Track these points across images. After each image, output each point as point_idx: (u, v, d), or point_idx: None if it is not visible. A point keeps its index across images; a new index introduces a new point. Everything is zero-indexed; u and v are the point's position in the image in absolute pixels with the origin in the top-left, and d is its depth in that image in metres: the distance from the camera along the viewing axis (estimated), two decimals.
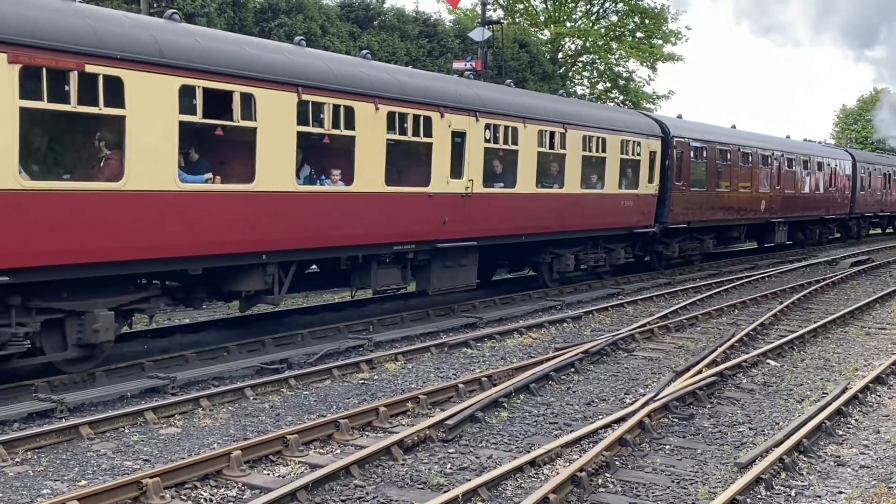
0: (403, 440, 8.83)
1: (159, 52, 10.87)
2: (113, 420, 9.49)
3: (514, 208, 17.72)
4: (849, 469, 8.83)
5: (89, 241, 10.33)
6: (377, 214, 14.36)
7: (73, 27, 10.09)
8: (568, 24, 45.85)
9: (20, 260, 9.69)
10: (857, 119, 71.45)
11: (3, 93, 9.28)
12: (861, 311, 18.67)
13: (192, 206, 11.47)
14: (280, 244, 12.75)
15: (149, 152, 10.79)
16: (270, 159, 12.35)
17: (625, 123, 21.93)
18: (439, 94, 15.63)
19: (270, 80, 12.23)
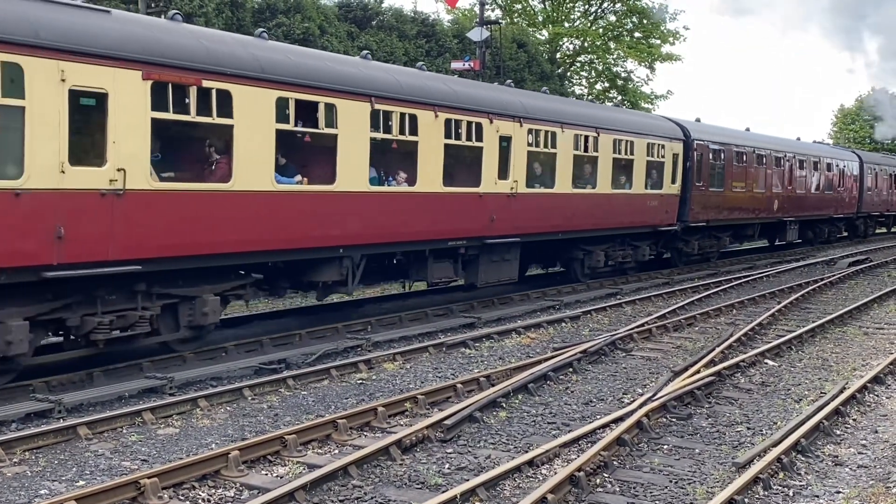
0: (402, 440, 8.83)
1: (260, 68, 12.35)
2: (111, 420, 9.49)
3: (552, 207, 19.05)
4: (847, 469, 8.83)
5: (203, 235, 11.75)
6: (435, 212, 15.77)
7: (192, 48, 11.61)
8: (566, 24, 45.87)
9: (149, 251, 11.09)
10: (854, 119, 71.45)
11: (139, 105, 10.74)
12: (859, 311, 18.68)
13: (285, 204, 12.92)
14: (354, 239, 14.17)
15: (251, 157, 12.23)
16: (348, 162, 13.77)
17: (650, 127, 23.16)
18: (488, 102, 17.12)
19: (349, 91, 13.66)
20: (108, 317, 11.00)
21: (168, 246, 11.31)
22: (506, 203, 17.36)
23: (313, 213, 13.35)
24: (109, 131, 10.54)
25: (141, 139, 10.79)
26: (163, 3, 21.51)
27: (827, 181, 35.50)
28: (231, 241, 12.12)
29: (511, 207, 17.51)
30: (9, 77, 9.53)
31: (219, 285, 12.49)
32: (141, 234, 10.94)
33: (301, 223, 13.14)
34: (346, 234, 13.93)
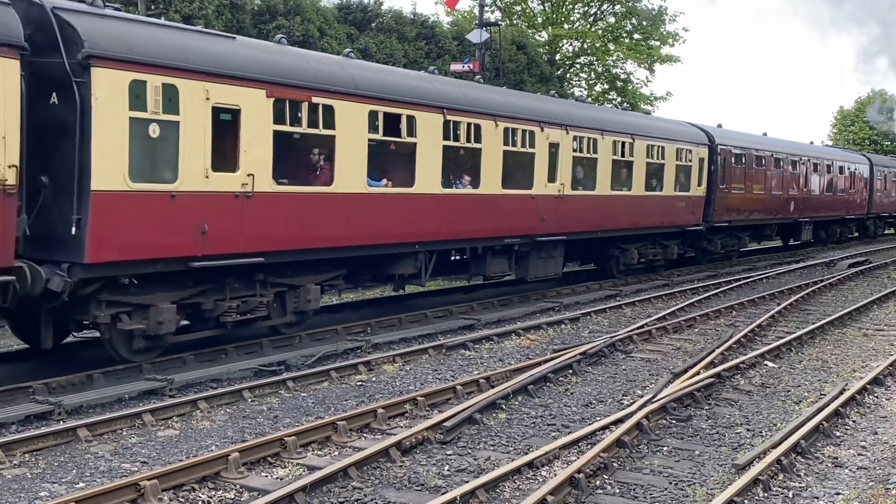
0: (401, 442, 8.83)
1: (355, 85, 14.04)
2: (111, 422, 9.49)
3: (593, 208, 20.68)
4: (846, 470, 8.83)
5: (310, 231, 13.46)
6: (495, 212, 17.44)
7: (303, 68, 13.43)
8: (566, 25, 45.87)
9: (269, 245, 12.74)
10: (854, 120, 71.51)
11: (263, 119, 12.45)
12: (859, 313, 18.68)
13: (374, 205, 14.61)
14: (428, 237, 15.82)
15: (349, 163, 13.90)
16: (424, 167, 15.47)
17: (679, 133, 24.82)
18: (539, 112, 18.85)
19: (426, 104, 15.37)
20: (234, 302, 12.73)
21: (283, 241, 13.01)
22: (554, 204, 19.04)
23: (396, 212, 15.05)
24: (242, 142, 12.21)
25: (265, 148, 12.53)
26: (162, 5, 21.53)
27: (839, 183, 36.99)
28: (331, 236, 13.85)
29: (558, 208, 19.17)
30: (167, 97, 11.13)
31: (319, 276, 14.16)
32: (263, 230, 12.62)
33: (386, 222, 14.88)
34: (421, 231, 15.63)
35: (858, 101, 73.23)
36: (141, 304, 11.47)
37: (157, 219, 11.26)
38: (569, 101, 21.73)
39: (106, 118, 10.56)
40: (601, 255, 22.89)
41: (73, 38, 10.42)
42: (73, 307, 11.08)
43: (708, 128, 26.97)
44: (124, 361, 11.55)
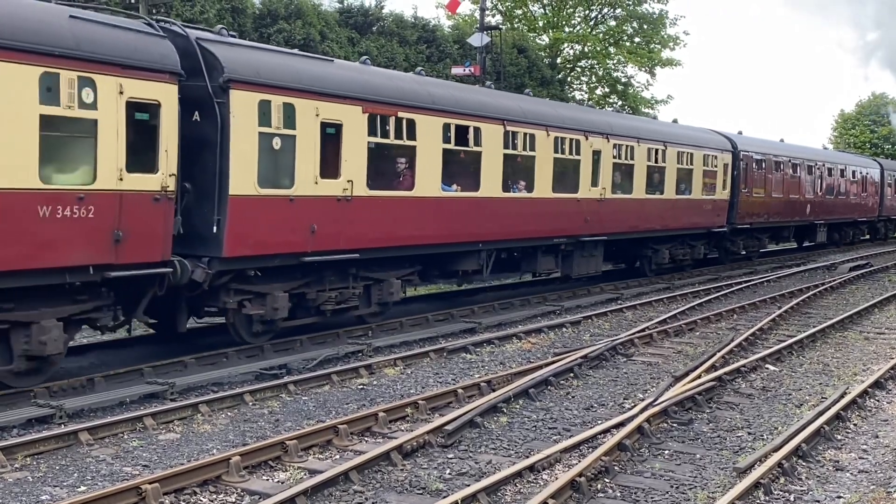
0: (402, 445, 8.84)
1: (432, 101, 15.82)
2: (112, 426, 9.50)
3: (630, 210, 22.33)
4: (848, 474, 8.83)
5: (395, 231, 15.11)
6: (546, 214, 19.08)
7: (390, 87, 15.22)
8: (566, 29, 45.86)
9: (363, 243, 14.48)
10: (855, 124, 71.54)
11: (360, 132, 14.19)
12: (860, 316, 18.68)
13: (446, 207, 16.28)
14: (489, 236, 17.49)
15: (427, 170, 15.63)
16: (488, 173, 17.17)
17: (706, 141, 26.46)
18: (584, 122, 20.64)
19: (489, 117, 17.18)
20: (333, 293, 14.38)
21: (374, 239, 14.68)
22: (596, 207, 20.71)
23: (463, 214, 16.75)
24: (343, 152, 13.92)
25: (361, 158, 14.26)
26: (164, 9, 21.55)
27: (852, 187, 38.64)
28: (410, 236, 15.55)
29: (600, 211, 20.84)
30: (287, 114, 12.90)
31: (399, 271, 15.75)
32: (359, 229, 14.33)
33: (455, 223, 16.54)
34: (484, 231, 17.32)
35: (859, 104, 73.26)
36: (260, 292, 13.18)
37: (278, 219, 13.05)
38: (609, 112, 23.91)
39: (241, 133, 12.27)
40: (635, 254, 24.44)
41: (214, 64, 12.13)
42: (205, 295, 12.62)
43: (731, 135, 28.58)
44: (245, 343, 13.36)
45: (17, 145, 9.77)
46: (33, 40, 9.91)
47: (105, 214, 10.65)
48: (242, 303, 13.02)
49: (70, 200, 10.29)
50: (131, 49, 10.94)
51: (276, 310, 13.25)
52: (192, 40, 12.15)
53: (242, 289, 12.96)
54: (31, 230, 9.98)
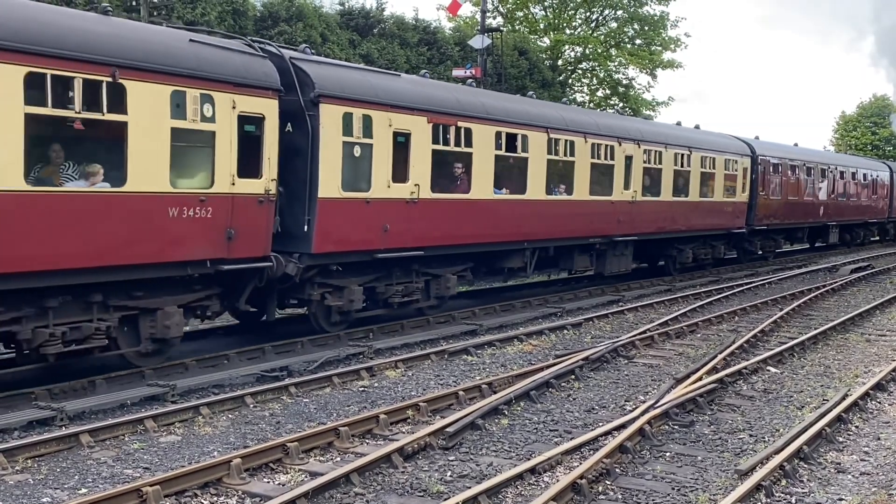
0: (403, 448, 8.83)
1: (486, 111, 17.26)
2: (113, 428, 9.50)
3: (658, 212, 23.57)
4: (849, 476, 8.82)
5: (453, 230, 16.55)
6: (584, 216, 20.43)
7: (450, 99, 16.68)
8: (567, 31, 45.85)
9: (427, 241, 15.86)
10: (856, 125, 71.54)
11: (425, 141, 15.57)
12: (861, 318, 18.66)
13: (497, 209, 17.65)
14: (533, 236, 18.84)
15: (481, 174, 17.03)
16: (533, 177, 18.53)
17: (726, 146, 27.86)
18: (618, 128, 22.00)
19: (535, 125, 18.60)
20: (399, 287, 15.78)
21: (435, 238, 16.05)
22: (628, 208, 21.98)
23: (511, 215, 18.08)
24: (411, 158, 15.26)
25: (426, 163, 15.64)
26: (164, 12, 21.57)
27: (863, 189, 39.89)
28: (466, 235, 16.96)
29: (631, 212, 22.10)
30: (365, 125, 14.27)
31: (455, 268, 17.14)
32: (423, 229, 15.67)
33: (504, 223, 17.88)
34: (529, 231, 18.63)
35: (861, 105, 73.26)
36: (339, 286, 14.57)
37: (357, 220, 14.43)
38: (639, 119, 25.19)
39: (328, 142, 13.67)
40: (661, 254, 25.74)
41: (306, 81, 13.52)
42: (292, 288, 14.04)
43: (749, 140, 29.92)
44: (324, 331, 14.73)
45: (155, 155, 11.18)
46: (166, 62, 11.30)
47: (221, 215, 12.06)
48: (324, 295, 14.43)
49: (193, 202, 11.72)
50: (242, 69, 12.41)
51: (352, 301, 14.74)
52: (286, 59, 13.57)
53: (325, 282, 14.40)
54: (163, 228, 11.39)
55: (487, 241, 17.65)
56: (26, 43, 9.77)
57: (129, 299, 11.49)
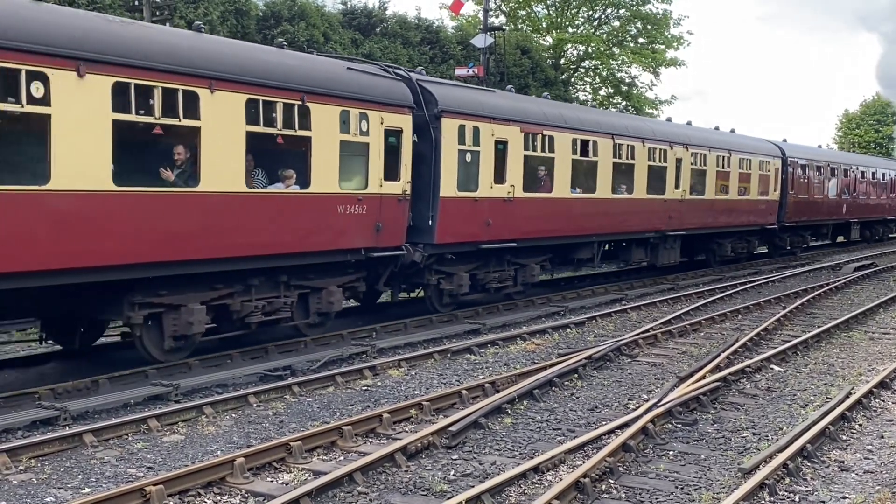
0: (407, 447, 8.83)
1: (564, 121, 19.82)
2: (116, 427, 9.51)
3: (703, 209, 25.94)
4: (853, 474, 8.81)
5: (538, 226, 19.04)
6: (642, 212, 22.91)
7: (538, 111, 19.28)
8: (570, 30, 45.84)
9: (518, 235, 18.38)
10: (859, 123, 71.44)
11: (518, 148, 18.08)
12: (865, 316, 18.64)
13: (573, 206, 20.14)
14: (600, 230, 21.28)
15: (561, 176, 19.50)
16: (602, 178, 21.07)
17: (760, 148, 30.24)
18: (670, 134, 24.70)
19: (603, 132, 21.07)
20: (495, 274, 18.35)
21: (525, 232, 18.54)
22: (678, 206, 24.43)
23: (584, 212, 20.47)
24: (508, 163, 17.78)
25: (519, 167, 18.10)
26: (167, 12, 21.58)
27: (882, 188, 42.25)
28: (548, 230, 19.40)
29: (681, 210, 24.57)
30: (474, 135, 16.90)
31: (537, 258, 19.61)
32: (517, 224, 18.17)
33: (578, 219, 20.32)
34: (597, 226, 21.08)
35: (864, 103, 73.17)
36: (450, 272, 17.15)
37: (467, 215, 16.92)
38: (687, 126, 27.29)
39: (447, 150, 16.26)
40: (702, 248, 28.15)
41: (430, 99, 16.07)
42: (414, 273, 16.51)
43: (780, 143, 32.51)
44: (436, 311, 17.13)
45: (329, 163, 13.79)
46: (337, 88, 14.00)
47: (372, 211, 14.64)
48: (439, 280, 16.97)
49: (353, 201, 14.33)
50: (387, 91, 15.13)
51: (461, 286, 17.27)
52: (414, 81, 16.10)
53: (440, 269, 16.96)
54: (334, 222, 14.01)
55: (564, 235, 20.16)
56: (248, 75, 12.45)
57: (304, 280, 14.08)
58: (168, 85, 11.17)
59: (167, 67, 11.17)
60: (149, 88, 10.98)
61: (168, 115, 11.27)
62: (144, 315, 11.79)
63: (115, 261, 10.93)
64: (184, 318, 12.11)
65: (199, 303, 12.27)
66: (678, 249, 25.02)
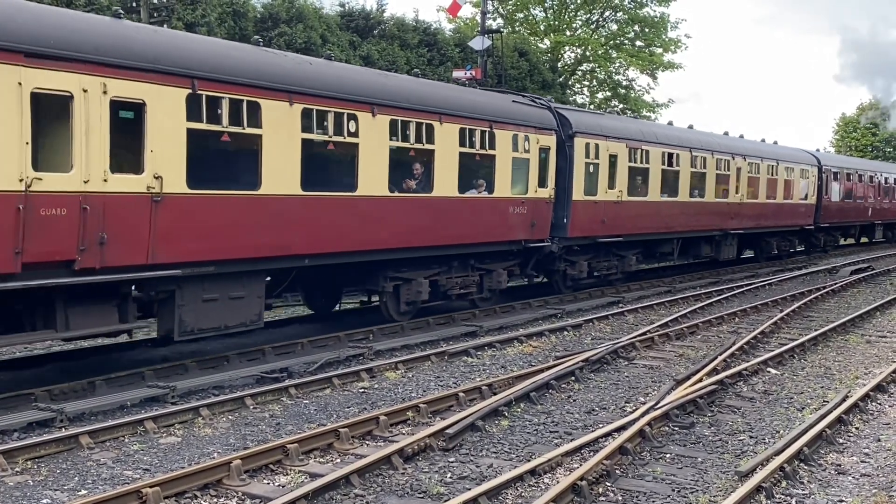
0: (404, 449, 8.83)
1: (656, 137, 23.89)
2: (113, 429, 9.49)
3: (756, 211, 29.77)
4: (849, 477, 8.81)
5: (637, 224, 22.67)
6: (711, 214, 26.62)
7: (638, 130, 23.56)
8: (567, 32, 45.87)
9: (624, 231, 22.13)
10: (856, 127, 71.53)
11: (626, 159, 22.13)
12: (861, 319, 18.66)
13: (663, 208, 23.94)
14: (679, 228, 25.09)
15: (655, 182, 23.47)
16: (683, 184, 24.89)
17: (801, 158, 34.40)
18: (732, 146, 28.62)
19: (683, 146, 24.97)
20: (605, 263, 22.16)
21: (628, 229, 22.30)
22: (737, 209, 28.21)
23: (668, 213, 24.28)
24: (617, 172, 21.77)
25: (625, 174, 22.13)
26: (165, 13, 21.57)
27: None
28: (644, 227, 23.14)
29: (740, 212, 28.38)
30: (597, 150, 20.96)
31: (633, 251, 23.32)
32: (622, 223, 21.97)
33: (664, 219, 24.12)
34: (678, 225, 24.90)
35: (860, 107, 73.25)
36: (574, 261, 21.06)
37: (590, 215, 20.74)
38: (743, 139, 31.08)
39: (578, 163, 20.20)
40: (752, 245, 32.22)
41: (565, 123, 20.18)
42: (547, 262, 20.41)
43: (815, 153, 37.11)
44: (560, 293, 21.03)
45: (506, 173, 17.97)
46: (511, 118, 18.29)
47: (529, 211, 18.78)
48: (566, 267, 20.83)
49: (519, 203, 18.45)
50: (540, 118, 19.48)
51: (582, 272, 21.28)
52: (552, 109, 20.29)
53: (567, 258, 20.84)
54: (508, 219, 18.18)
55: (655, 232, 23.92)
56: (461, 111, 16.89)
57: (483, 264, 18.13)
58: (419, 120, 15.55)
59: (421, 108, 15.67)
60: (406, 123, 15.31)
61: (417, 142, 15.60)
62: (392, 286, 15.86)
63: (389, 245, 15.15)
64: (414, 288, 16.25)
65: (423, 278, 16.37)
66: (735, 246, 28.84)
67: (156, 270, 11.22)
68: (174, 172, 11.30)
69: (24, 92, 9.64)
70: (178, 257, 11.46)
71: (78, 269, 10.34)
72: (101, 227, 10.45)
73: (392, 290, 15.91)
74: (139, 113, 10.96)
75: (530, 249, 19.19)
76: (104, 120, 10.46)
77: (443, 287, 16.88)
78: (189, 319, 11.95)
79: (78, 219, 10.23)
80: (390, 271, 15.63)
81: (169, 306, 11.84)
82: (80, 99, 10.20)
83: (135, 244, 10.92)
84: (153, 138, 11.07)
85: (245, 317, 12.76)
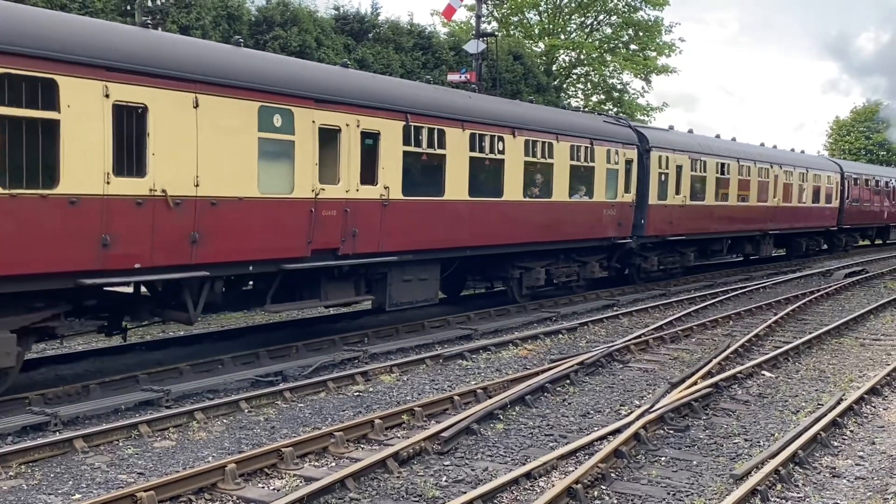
0: (399, 453, 8.82)
1: (710, 149, 27.48)
2: (107, 433, 9.46)
3: (789, 213, 33.33)
4: (844, 480, 8.82)
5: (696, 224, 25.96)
6: (755, 216, 30.29)
7: (697, 143, 26.56)
8: (562, 36, 45.95)
9: (685, 230, 25.34)
10: (850, 131, 71.73)
11: (688, 169, 25.46)
12: (855, 322, 18.69)
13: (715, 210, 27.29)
14: (729, 229, 28.52)
15: (710, 187, 26.90)
16: (731, 189, 28.36)
17: (825, 165, 38.40)
18: (770, 156, 32.24)
19: (732, 156, 28.58)
20: (670, 258, 25.52)
21: (690, 229, 25.57)
22: (773, 211, 31.73)
23: (722, 216, 27.71)
24: (682, 180, 25.06)
25: (688, 182, 25.34)
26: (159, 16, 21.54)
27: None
28: (701, 227, 26.38)
29: (776, 214, 31.97)
30: (666, 162, 24.19)
31: (692, 249, 26.50)
32: (685, 223, 25.32)
33: (718, 220, 27.51)
34: (727, 226, 28.29)
35: (854, 110, 73.46)
36: (647, 256, 24.38)
37: (661, 217, 24.10)
38: (777, 150, 34.73)
39: (653, 173, 23.52)
40: (783, 245, 35.82)
41: (643, 138, 23.64)
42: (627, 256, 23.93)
43: (838, 161, 41.60)
44: (635, 283, 24.33)
45: (602, 182, 21.48)
46: (603, 134, 21.88)
47: (618, 213, 22.19)
48: (640, 262, 24.11)
49: (610, 206, 21.91)
50: (625, 136, 23.02)
51: (653, 266, 24.58)
52: (632, 127, 24.16)
53: (642, 254, 24.20)
54: (602, 220, 21.59)
55: (709, 232, 27.09)
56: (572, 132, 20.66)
57: (581, 257, 21.45)
58: (544, 140, 19.21)
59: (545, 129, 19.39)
60: (535, 142, 18.95)
61: (542, 157, 19.19)
62: (518, 273, 19.41)
63: (522, 239, 18.93)
64: (534, 276, 19.77)
65: (540, 267, 19.92)
66: (772, 245, 32.79)
67: (381, 257, 14.97)
68: (395, 184, 15.13)
69: (315, 128, 13.46)
70: (393, 247, 15.18)
71: (340, 254, 14.12)
72: (354, 224, 14.23)
73: (518, 276, 19.56)
74: (376, 140, 14.76)
75: (616, 245, 22.61)
76: (356, 146, 14.26)
77: (552, 276, 20.36)
78: (395, 295, 15.72)
79: (342, 218, 14.01)
80: (516, 262, 19.31)
81: (381, 285, 15.44)
82: (345, 131, 14.07)
83: (372, 237, 14.68)
84: (384, 158, 14.86)
85: (427, 294, 16.59)
